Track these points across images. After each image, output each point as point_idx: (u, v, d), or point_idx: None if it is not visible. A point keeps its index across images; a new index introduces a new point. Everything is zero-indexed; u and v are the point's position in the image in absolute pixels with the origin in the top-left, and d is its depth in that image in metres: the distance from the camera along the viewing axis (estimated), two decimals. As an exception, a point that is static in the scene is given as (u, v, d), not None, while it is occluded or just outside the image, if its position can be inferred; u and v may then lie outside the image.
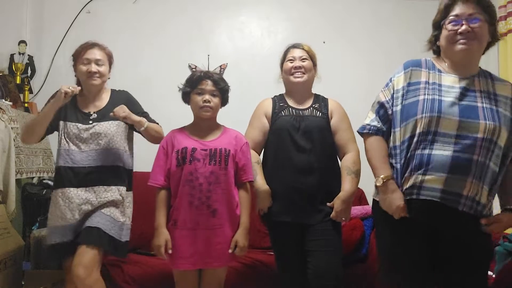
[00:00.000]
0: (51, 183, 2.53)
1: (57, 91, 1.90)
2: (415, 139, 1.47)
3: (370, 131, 1.61)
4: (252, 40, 3.40)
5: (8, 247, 2.24)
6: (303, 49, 2.05)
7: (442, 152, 1.41)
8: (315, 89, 2.12)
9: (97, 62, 1.98)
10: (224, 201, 1.84)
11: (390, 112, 1.58)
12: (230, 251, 1.83)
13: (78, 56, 2.01)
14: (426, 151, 1.43)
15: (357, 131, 1.70)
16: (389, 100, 1.59)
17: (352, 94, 2.83)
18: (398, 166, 1.52)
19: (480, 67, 1.57)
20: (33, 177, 2.83)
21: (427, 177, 1.43)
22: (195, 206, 1.81)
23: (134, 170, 2.10)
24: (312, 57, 2.05)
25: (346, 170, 1.94)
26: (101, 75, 2.00)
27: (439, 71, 1.55)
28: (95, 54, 1.99)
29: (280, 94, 2.12)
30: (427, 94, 1.49)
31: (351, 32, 3.37)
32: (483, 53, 1.57)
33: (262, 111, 2.05)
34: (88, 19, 3.32)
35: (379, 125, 1.60)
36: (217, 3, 3.39)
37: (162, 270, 2.18)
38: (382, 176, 1.53)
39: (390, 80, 1.62)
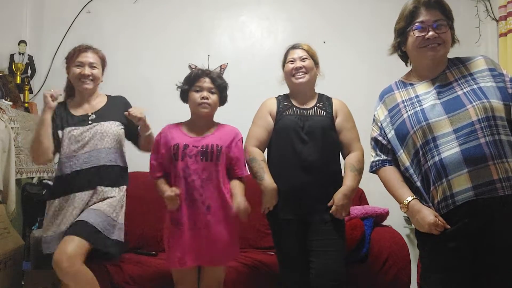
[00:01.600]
0: (51, 183, 2.52)
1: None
2: (420, 152, 1.47)
3: (378, 166, 1.63)
4: (252, 40, 3.40)
5: (8, 247, 2.24)
6: (302, 48, 2.04)
7: (450, 151, 1.40)
8: (316, 89, 2.12)
9: (90, 65, 1.98)
10: (216, 198, 1.84)
11: (385, 142, 1.61)
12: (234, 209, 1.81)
13: (71, 58, 2.01)
14: (436, 158, 1.42)
15: (369, 172, 1.70)
16: (380, 133, 1.63)
17: (352, 94, 2.82)
18: (418, 184, 1.50)
19: (448, 58, 1.58)
20: (33, 177, 2.83)
21: (451, 181, 1.39)
22: (191, 204, 1.82)
23: (133, 170, 2.10)
24: (312, 55, 2.05)
25: (350, 167, 1.94)
26: (94, 78, 2.00)
27: (411, 84, 1.59)
28: (89, 57, 1.99)
29: (284, 94, 2.12)
30: (409, 110, 1.53)
31: (351, 32, 3.36)
32: None
33: (267, 110, 2.04)
34: (88, 19, 3.31)
35: (382, 157, 1.62)
36: (218, 3, 3.39)
37: (162, 270, 2.18)
38: (402, 202, 1.51)
39: (374, 116, 1.67)
